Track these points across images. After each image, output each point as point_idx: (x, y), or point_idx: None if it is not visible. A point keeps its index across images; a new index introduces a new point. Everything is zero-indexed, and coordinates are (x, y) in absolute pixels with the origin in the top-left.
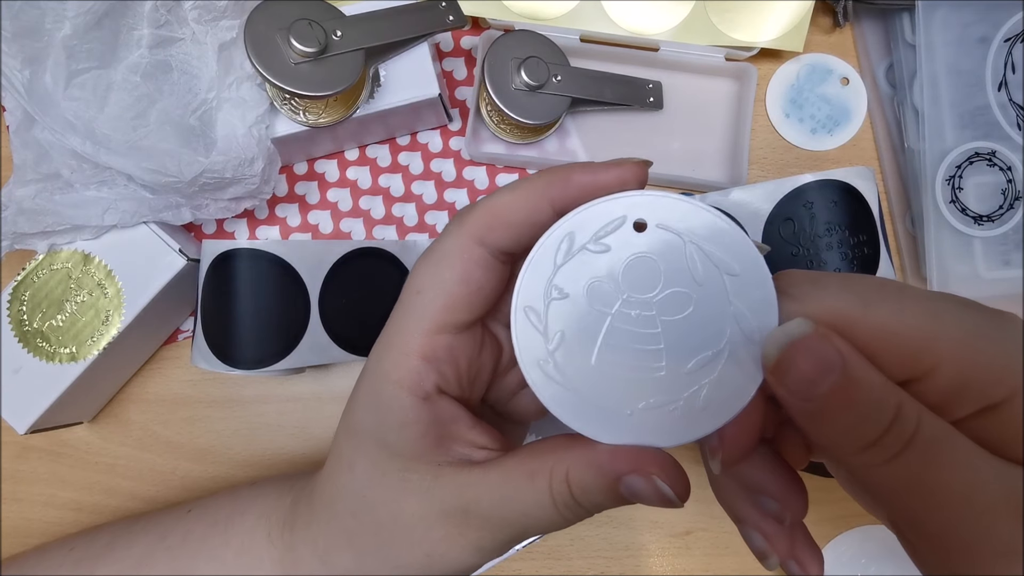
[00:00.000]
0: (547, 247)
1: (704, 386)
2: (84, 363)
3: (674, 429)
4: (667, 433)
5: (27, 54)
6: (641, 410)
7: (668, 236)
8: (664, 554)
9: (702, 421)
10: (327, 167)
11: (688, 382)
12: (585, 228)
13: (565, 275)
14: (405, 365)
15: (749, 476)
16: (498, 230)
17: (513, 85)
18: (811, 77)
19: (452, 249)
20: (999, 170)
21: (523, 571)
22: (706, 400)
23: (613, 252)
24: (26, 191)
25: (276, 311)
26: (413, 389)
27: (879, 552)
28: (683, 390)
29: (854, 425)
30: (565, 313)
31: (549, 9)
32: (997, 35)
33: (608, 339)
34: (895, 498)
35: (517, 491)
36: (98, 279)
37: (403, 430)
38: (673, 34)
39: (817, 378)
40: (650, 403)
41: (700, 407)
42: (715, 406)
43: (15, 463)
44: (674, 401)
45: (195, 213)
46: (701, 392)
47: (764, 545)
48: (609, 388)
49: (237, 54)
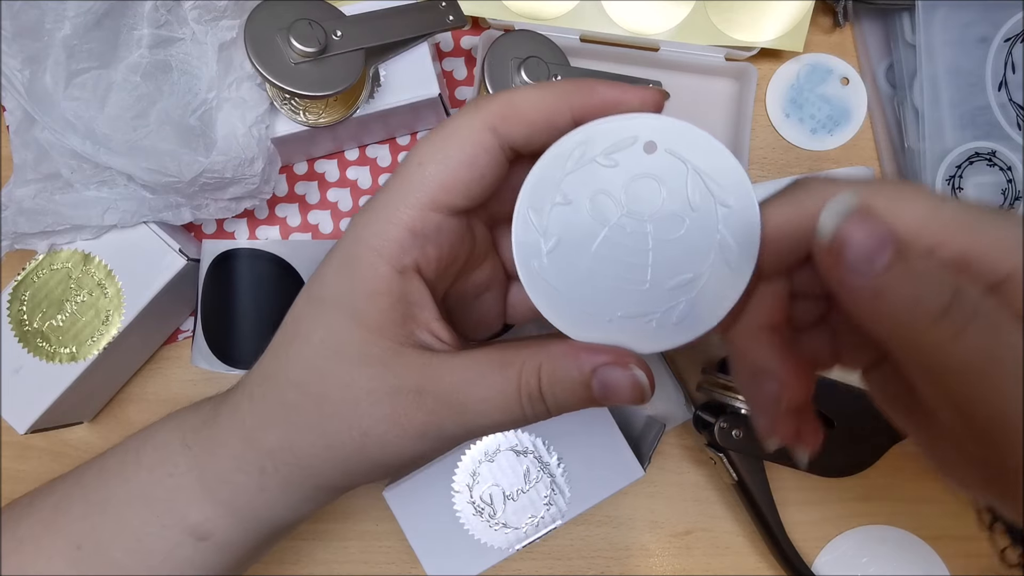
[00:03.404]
0: (559, 152)
1: (681, 303)
2: (84, 363)
3: (648, 338)
4: (641, 341)
5: (27, 54)
6: (620, 318)
7: (674, 161)
8: (664, 554)
9: (674, 334)
10: (327, 167)
11: (668, 298)
12: (598, 141)
13: (572, 182)
14: (389, 234)
15: (755, 360)
16: (513, 123)
17: (513, 85)
18: (811, 77)
19: (463, 130)
20: (999, 170)
21: (523, 571)
22: (680, 316)
23: (620, 168)
24: (26, 191)
25: (276, 311)
26: (391, 260)
27: (879, 552)
28: (662, 304)
29: (920, 297)
30: (565, 218)
31: (549, 9)
32: (997, 35)
33: (601, 249)
34: (968, 375)
35: (483, 376)
36: (98, 279)
37: (373, 299)
38: (673, 34)
39: (877, 251)
40: (630, 312)
41: (674, 322)
42: (688, 322)
43: (15, 463)
44: (652, 313)
45: (195, 213)
46: (677, 308)
47: (767, 426)
48: (594, 294)
49: (237, 54)
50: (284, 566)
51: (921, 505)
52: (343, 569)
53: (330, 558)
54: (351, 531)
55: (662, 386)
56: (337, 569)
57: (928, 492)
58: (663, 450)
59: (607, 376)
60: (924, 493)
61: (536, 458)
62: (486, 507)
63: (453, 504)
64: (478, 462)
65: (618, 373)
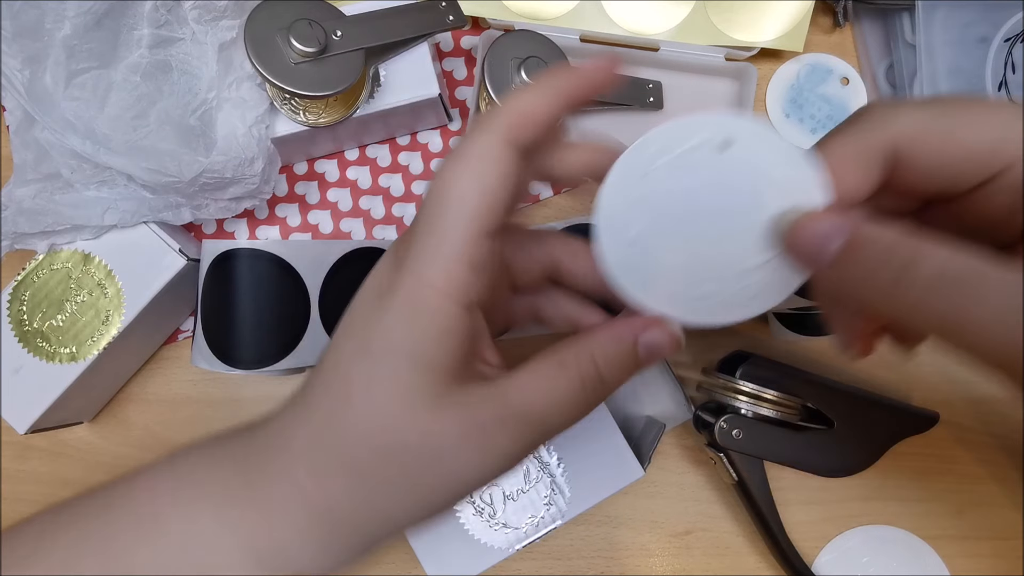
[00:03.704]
0: (638, 149)
1: (751, 285)
2: (84, 363)
3: (717, 312)
4: (712, 315)
5: (27, 54)
6: (695, 297)
7: (749, 158)
8: (664, 554)
9: (742, 310)
10: (327, 167)
11: (743, 278)
12: (675, 139)
13: (651, 178)
14: (454, 273)
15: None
16: (525, 130)
17: (513, 85)
18: (811, 77)
19: (486, 150)
20: None
21: (523, 571)
22: (753, 292)
23: (699, 161)
24: (26, 191)
25: (276, 311)
26: (460, 299)
27: (880, 551)
28: (734, 284)
29: (870, 275)
30: (644, 211)
31: (549, 9)
32: (997, 35)
33: (676, 237)
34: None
35: (549, 384)
36: (98, 279)
37: (442, 342)
38: (673, 34)
39: (824, 241)
40: (704, 291)
41: (742, 301)
42: (756, 301)
43: (15, 463)
44: (722, 293)
45: (195, 213)
46: (749, 288)
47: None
48: (669, 280)
49: (237, 54)
50: None
51: (921, 505)
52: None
53: None
54: None
55: (662, 386)
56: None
57: (928, 492)
58: (663, 450)
59: (649, 339)
60: (924, 493)
61: (536, 458)
62: (486, 507)
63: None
64: None
65: (656, 333)
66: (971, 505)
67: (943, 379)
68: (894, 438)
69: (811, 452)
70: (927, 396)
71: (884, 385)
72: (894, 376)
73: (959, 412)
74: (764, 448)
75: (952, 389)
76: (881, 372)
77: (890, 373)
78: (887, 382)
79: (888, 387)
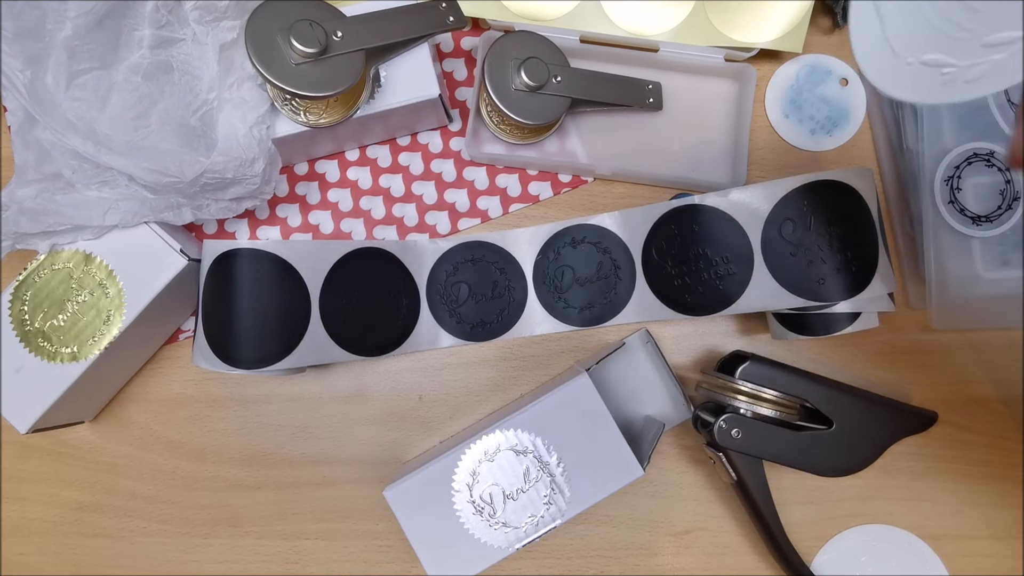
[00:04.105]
0: None
1: (985, 62)
2: (85, 363)
3: (935, 89)
4: (928, 91)
5: (28, 54)
6: (919, 63)
7: None
8: (664, 553)
9: (961, 90)
10: (328, 167)
11: (977, 54)
12: None
13: None
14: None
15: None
16: None
17: (513, 86)
18: (810, 78)
19: None
20: (998, 171)
21: (523, 570)
22: (978, 74)
23: None
24: (27, 191)
25: (277, 311)
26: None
27: (879, 551)
28: (968, 59)
29: None
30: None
31: (549, 10)
32: None
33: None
34: None
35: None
36: (99, 279)
37: None
38: (673, 35)
39: None
40: (931, 59)
41: (967, 79)
42: (981, 82)
43: (16, 462)
44: (952, 65)
45: (196, 213)
46: (979, 66)
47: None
48: (908, 33)
49: (238, 55)
50: (285, 566)
51: (920, 505)
52: (343, 569)
53: (331, 558)
54: (352, 531)
55: (661, 386)
56: (338, 569)
57: (927, 492)
58: (662, 450)
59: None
60: (923, 493)
61: (536, 458)
62: (486, 506)
63: (453, 503)
64: (478, 462)
65: None
66: (970, 504)
67: (942, 379)
68: (893, 438)
69: (810, 452)
70: (926, 396)
71: (883, 385)
72: (893, 376)
73: (958, 412)
74: (763, 448)
75: (951, 389)
76: (880, 372)
77: (889, 373)
78: (886, 382)
79: (887, 387)
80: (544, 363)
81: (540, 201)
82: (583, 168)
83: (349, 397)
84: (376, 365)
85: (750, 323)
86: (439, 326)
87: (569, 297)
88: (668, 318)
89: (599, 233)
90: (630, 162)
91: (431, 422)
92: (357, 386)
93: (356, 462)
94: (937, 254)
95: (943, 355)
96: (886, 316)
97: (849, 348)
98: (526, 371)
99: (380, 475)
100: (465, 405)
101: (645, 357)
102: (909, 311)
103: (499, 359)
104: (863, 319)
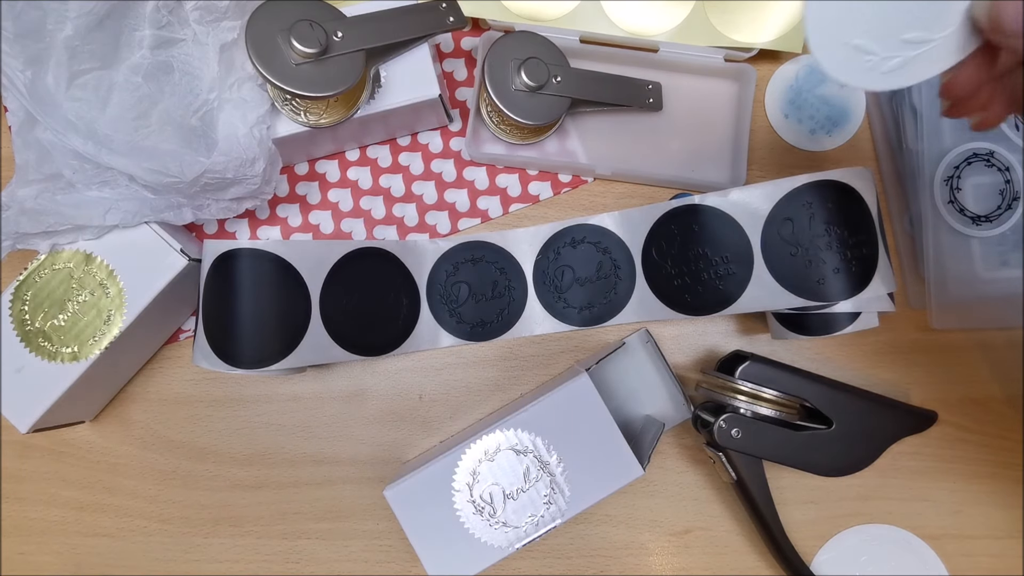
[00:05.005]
0: None
1: (900, 57)
2: (86, 362)
3: (860, 74)
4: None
5: (29, 55)
6: (851, 45)
7: None
8: (664, 553)
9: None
10: (328, 167)
11: (895, 48)
12: None
13: None
14: None
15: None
16: None
17: (513, 86)
18: (810, 78)
19: None
20: (997, 170)
21: (523, 570)
22: (893, 67)
23: None
24: (28, 191)
25: (277, 311)
26: None
27: (879, 551)
28: (886, 50)
29: None
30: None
31: (549, 10)
32: None
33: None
34: None
35: None
36: (100, 279)
37: None
38: (672, 35)
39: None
40: (860, 45)
41: (884, 70)
42: (897, 75)
43: (17, 462)
44: (873, 55)
45: (196, 213)
46: (894, 60)
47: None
48: (849, 16)
49: (238, 55)
50: (285, 565)
51: (920, 504)
52: (344, 568)
53: (331, 557)
54: (352, 530)
55: (661, 385)
56: (338, 568)
57: (927, 492)
58: (662, 449)
59: None
60: (923, 493)
61: (536, 457)
62: (486, 506)
63: (453, 503)
64: (478, 461)
65: None
66: (969, 504)
67: (941, 378)
68: (892, 437)
69: (810, 451)
70: (925, 395)
71: (883, 384)
72: (893, 376)
73: (957, 411)
74: (763, 447)
75: (950, 388)
76: (880, 372)
77: (889, 373)
78: (886, 382)
79: (887, 386)
80: (544, 363)
81: (540, 201)
82: (583, 168)
83: (349, 397)
84: (376, 365)
85: (750, 323)
86: (439, 326)
87: (569, 297)
88: (668, 318)
89: (599, 233)
90: (630, 162)
91: (431, 422)
92: (357, 386)
93: (356, 462)
94: (937, 254)
95: (943, 355)
96: (886, 316)
97: (849, 348)
98: (526, 371)
99: (380, 475)
100: (465, 405)
101: (645, 357)
102: (909, 311)
103: (499, 359)
104: (863, 319)
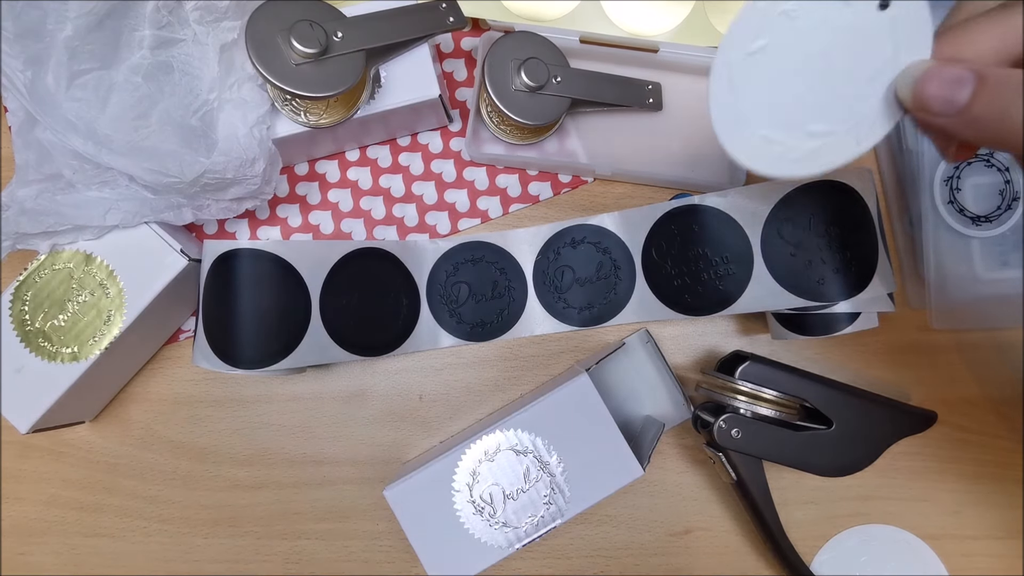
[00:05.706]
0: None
1: (804, 147)
2: (86, 363)
3: (774, 163)
4: (770, 163)
5: (29, 55)
6: (760, 136)
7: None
8: (664, 553)
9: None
10: (328, 168)
11: (800, 139)
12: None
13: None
14: None
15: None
16: None
17: (513, 86)
18: None
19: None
20: (997, 171)
21: (523, 570)
22: (799, 156)
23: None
24: (28, 191)
25: (277, 311)
26: None
27: (879, 551)
28: (792, 140)
29: (1005, 111)
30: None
31: (549, 10)
32: None
33: (784, 73)
34: None
35: None
36: (100, 279)
37: None
38: (672, 35)
39: (953, 93)
40: (769, 136)
41: (792, 159)
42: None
43: (16, 462)
44: (783, 143)
45: (196, 213)
46: (800, 150)
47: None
48: (754, 107)
49: (238, 55)
50: (285, 566)
51: (919, 504)
52: (343, 569)
53: (331, 557)
54: (352, 531)
55: (661, 385)
56: (338, 569)
57: (927, 492)
58: (662, 449)
59: None
60: (923, 493)
61: (536, 458)
62: (486, 506)
63: (453, 503)
64: (478, 462)
65: None
66: (969, 504)
67: (942, 379)
68: (892, 437)
69: (810, 451)
70: (926, 396)
71: (883, 385)
72: (893, 376)
73: (957, 412)
74: (763, 448)
75: (950, 389)
76: (880, 372)
77: (889, 373)
78: (886, 382)
79: (886, 387)
80: (544, 363)
81: (540, 201)
82: (583, 168)
83: (349, 397)
84: (376, 365)
85: (750, 323)
86: (439, 326)
87: (569, 297)
88: (668, 318)
89: (599, 233)
90: (630, 162)
91: (431, 422)
92: (357, 386)
93: (356, 462)
94: (936, 254)
95: (943, 355)
96: (886, 316)
97: (849, 348)
98: (526, 371)
99: (380, 475)
100: (465, 405)
101: (645, 357)
102: (909, 311)
103: (499, 359)
104: (863, 319)
